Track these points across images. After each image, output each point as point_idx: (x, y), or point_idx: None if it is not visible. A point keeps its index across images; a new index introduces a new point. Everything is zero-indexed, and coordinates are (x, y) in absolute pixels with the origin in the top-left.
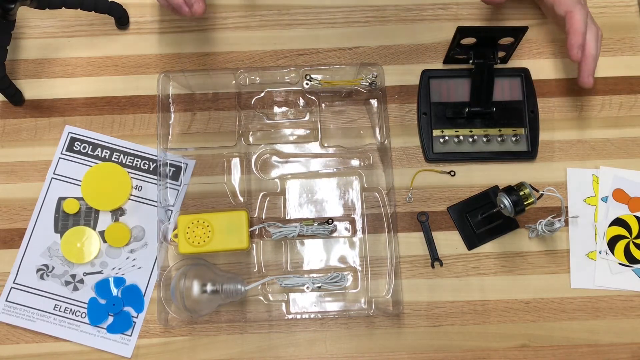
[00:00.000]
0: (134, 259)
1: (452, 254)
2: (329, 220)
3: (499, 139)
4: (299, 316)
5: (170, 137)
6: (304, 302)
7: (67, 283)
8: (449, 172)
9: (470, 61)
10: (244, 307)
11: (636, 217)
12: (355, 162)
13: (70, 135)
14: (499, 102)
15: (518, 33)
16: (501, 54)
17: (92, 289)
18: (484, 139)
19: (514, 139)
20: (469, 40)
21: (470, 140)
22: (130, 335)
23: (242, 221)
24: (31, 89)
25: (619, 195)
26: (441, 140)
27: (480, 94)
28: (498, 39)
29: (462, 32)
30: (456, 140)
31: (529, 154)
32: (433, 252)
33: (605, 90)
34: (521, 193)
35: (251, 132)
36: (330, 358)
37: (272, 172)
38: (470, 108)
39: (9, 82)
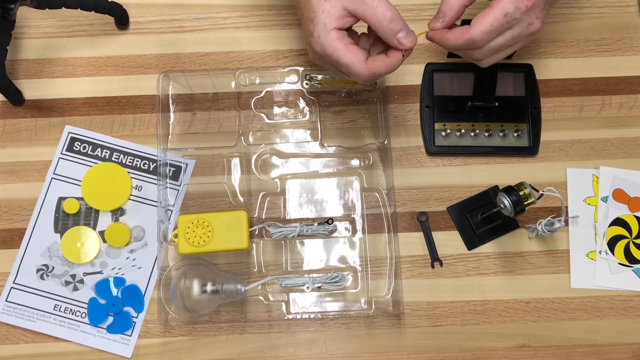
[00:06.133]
0: (134, 259)
1: (452, 254)
2: (329, 220)
3: (501, 133)
4: (299, 316)
5: (170, 137)
6: (304, 302)
7: (67, 283)
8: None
9: None
10: (244, 307)
11: (636, 217)
12: (355, 162)
13: (70, 135)
14: (502, 97)
15: None
16: None
17: (92, 289)
18: (486, 134)
19: (515, 134)
20: None
21: (472, 134)
22: (130, 336)
23: (242, 221)
24: (31, 89)
25: (619, 195)
26: (443, 133)
27: (483, 88)
28: None
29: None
30: (458, 134)
31: (530, 150)
32: (433, 252)
33: (605, 90)
34: (521, 193)
35: (251, 132)
36: (330, 358)
37: (272, 172)
38: (473, 102)
39: (9, 82)
